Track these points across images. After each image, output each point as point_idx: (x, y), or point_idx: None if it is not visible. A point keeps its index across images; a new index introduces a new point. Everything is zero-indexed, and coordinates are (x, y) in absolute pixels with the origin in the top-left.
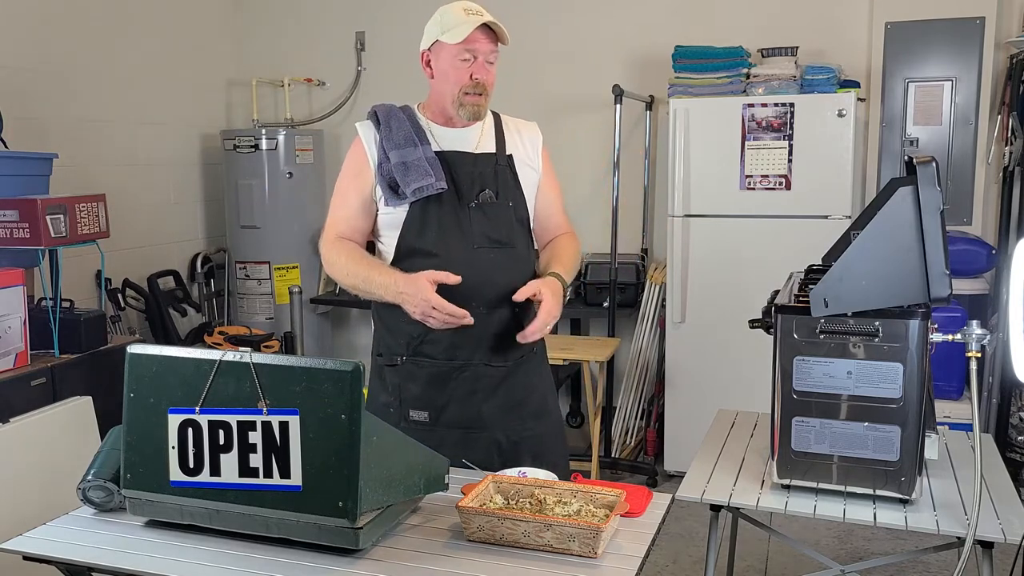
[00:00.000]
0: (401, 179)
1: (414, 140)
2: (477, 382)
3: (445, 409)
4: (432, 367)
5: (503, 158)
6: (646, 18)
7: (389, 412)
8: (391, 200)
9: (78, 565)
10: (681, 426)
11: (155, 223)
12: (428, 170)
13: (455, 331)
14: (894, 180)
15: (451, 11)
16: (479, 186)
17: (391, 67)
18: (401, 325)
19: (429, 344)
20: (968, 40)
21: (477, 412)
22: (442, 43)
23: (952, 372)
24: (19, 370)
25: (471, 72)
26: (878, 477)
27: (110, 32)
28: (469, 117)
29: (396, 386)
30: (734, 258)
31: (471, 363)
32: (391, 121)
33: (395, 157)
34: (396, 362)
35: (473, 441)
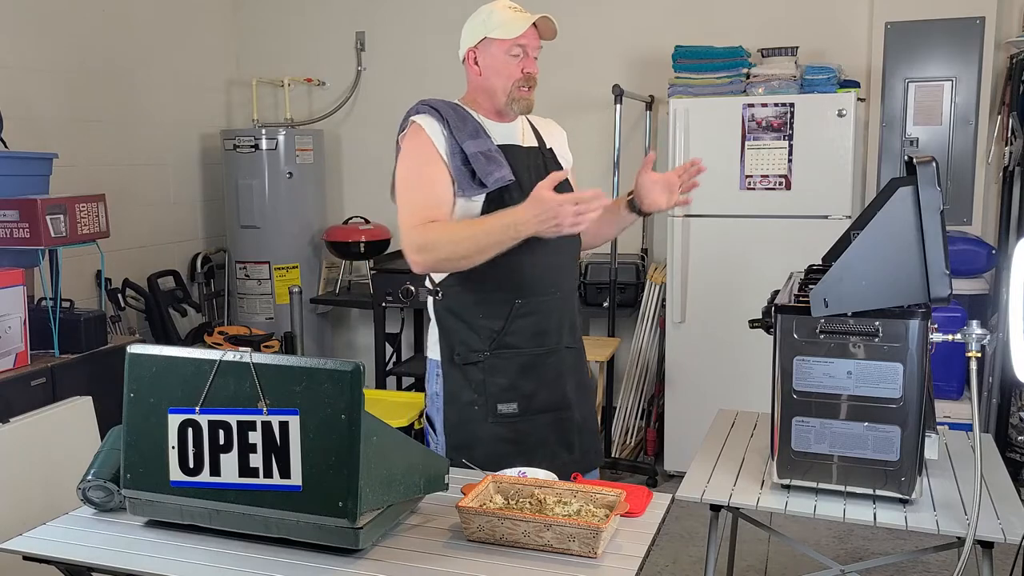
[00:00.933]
0: (481, 169)
1: (481, 133)
2: (561, 364)
3: (534, 396)
4: (519, 357)
5: (547, 151)
6: (646, 18)
7: (474, 410)
8: (468, 190)
9: (78, 565)
10: (681, 426)
11: (155, 223)
12: (503, 161)
13: (538, 318)
14: (894, 180)
15: (497, 9)
16: (537, 177)
17: (391, 67)
18: (481, 321)
19: (513, 335)
20: (968, 40)
21: (563, 395)
22: (491, 39)
23: (952, 372)
24: (19, 370)
25: (522, 66)
26: (878, 477)
27: (110, 32)
28: (521, 110)
29: (480, 382)
30: (734, 258)
31: (556, 348)
32: (454, 114)
33: (472, 147)
34: (479, 359)
35: (561, 423)
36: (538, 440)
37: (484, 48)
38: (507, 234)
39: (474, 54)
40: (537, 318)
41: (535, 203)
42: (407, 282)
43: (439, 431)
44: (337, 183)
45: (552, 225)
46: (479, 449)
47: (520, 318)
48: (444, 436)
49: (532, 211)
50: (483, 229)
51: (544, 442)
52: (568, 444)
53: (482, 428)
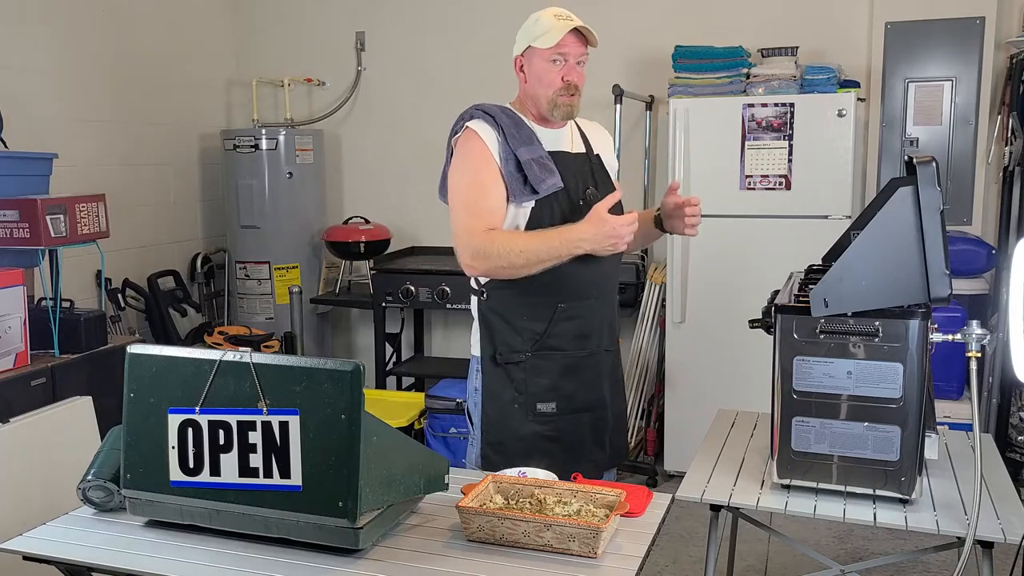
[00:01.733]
0: (534, 176)
1: (533, 140)
2: (600, 366)
3: (574, 397)
4: (561, 358)
5: (594, 157)
6: (646, 18)
7: (514, 408)
8: (520, 196)
9: (78, 565)
10: (681, 426)
11: (155, 223)
12: (553, 168)
13: (580, 322)
14: (894, 180)
15: (543, 18)
16: (583, 184)
17: (391, 67)
18: (525, 322)
19: (555, 337)
20: (968, 40)
21: (600, 395)
22: (534, 48)
23: (952, 372)
24: (19, 370)
25: (562, 74)
26: (878, 477)
27: (110, 31)
28: (563, 117)
29: (522, 381)
30: (734, 258)
31: (596, 350)
32: (507, 121)
33: (525, 154)
34: (520, 359)
35: (597, 422)
36: (575, 439)
37: (528, 56)
38: (566, 249)
39: (520, 62)
40: (579, 322)
41: (597, 223)
42: (407, 282)
43: (476, 426)
44: (337, 183)
45: (610, 244)
46: (517, 445)
47: (563, 321)
48: (481, 431)
49: (593, 230)
50: (543, 243)
51: (580, 440)
52: (602, 442)
53: (521, 425)
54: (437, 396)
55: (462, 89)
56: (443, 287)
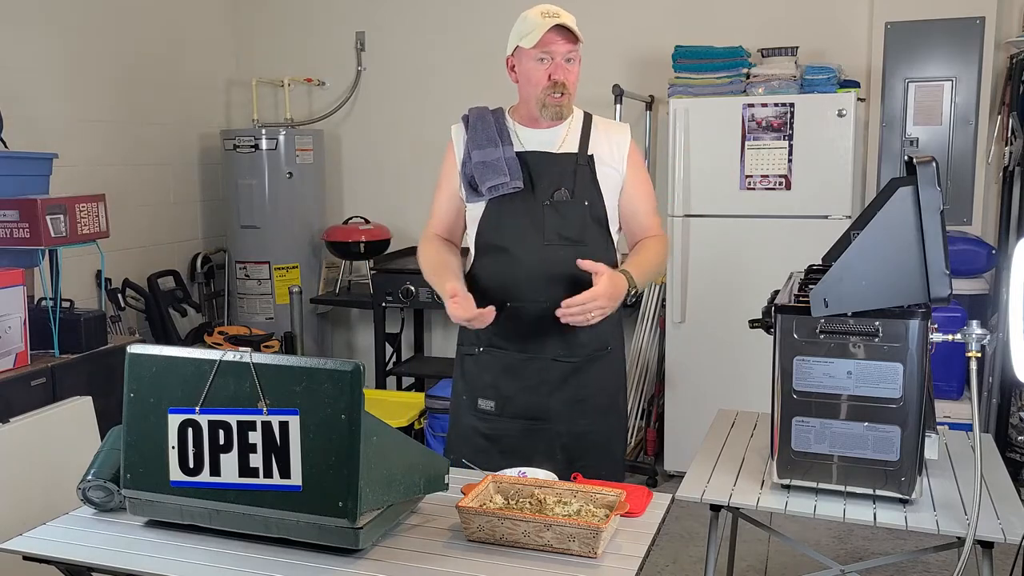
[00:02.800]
0: (479, 177)
1: (496, 140)
2: (545, 374)
3: (512, 400)
4: (504, 357)
5: (584, 158)
6: (646, 18)
7: (462, 399)
8: (470, 197)
9: (78, 565)
10: (681, 426)
11: (155, 223)
12: (504, 169)
13: (525, 323)
14: (894, 180)
15: (529, 16)
16: (555, 185)
17: (391, 67)
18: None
19: (500, 336)
20: (968, 40)
21: (543, 404)
22: (521, 48)
23: (952, 372)
24: (19, 370)
25: (549, 73)
26: (878, 477)
27: (110, 32)
28: (551, 117)
29: (472, 375)
30: (734, 258)
31: (540, 356)
32: (478, 123)
33: (476, 156)
34: (474, 352)
35: (536, 433)
36: (513, 443)
37: (518, 56)
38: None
39: (511, 63)
40: (523, 323)
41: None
42: (407, 282)
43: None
44: (337, 183)
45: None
46: (458, 437)
47: (508, 320)
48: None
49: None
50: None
51: (519, 447)
52: (548, 455)
53: (464, 418)
54: (437, 396)
55: (462, 89)
56: None
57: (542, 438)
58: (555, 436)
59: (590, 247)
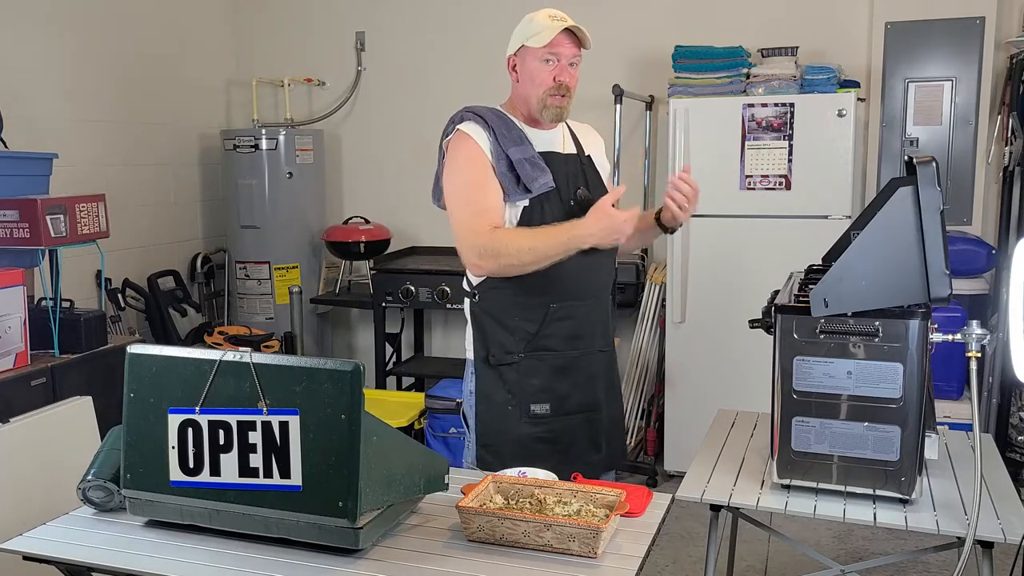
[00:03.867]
0: (526, 175)
1: (524, 140)
2: (593, 367)
3: (568, 398)
4: (554, 359)
5: (585, 158)
6: (646, 18)
7: (508, 410)
8: (513, 195)
9: (78, 565)
10: (681, 426)
11: (155, 223)
12: (545, 168)
13: (573, 322)
14: (894, 180)
15: (536, 18)
16: (574, 184)
17: (391, 67)
18: (517, 323)
19: (548, 338)
20: (968, 40)
21: (595, 396)
22: (527, 48)
23: (952, 372)
24: (19, 370)
25: (554, 74)
26: (878, 477)
27: (110, 32)
28: (552, 118)
29: (515, 383)
30: (734, 258)
31: (589, 351)
32: (500, 121)
33: (516, 154)
34: (513, 360)
35: (592, 423)
36: (569, 440)
37: (521, 56)
38: (571, 245)
39: (513, 61)
40: (572, 322)
41: (601, 217)
42: (407, 282)
43: (472, 428)
44: (337, 183)
45: (613, 238)
46: (511, 447)
47: (555, 321)
48: (476, 434)
49: (598, 224)
50: (550, 239)
51: (574, 442)
52: (596, 444)
53: (516, 427)
54: (437, 396)
55: (462, 89)
56: (443, 287)
57: (593, 429)
58: (599, 425)
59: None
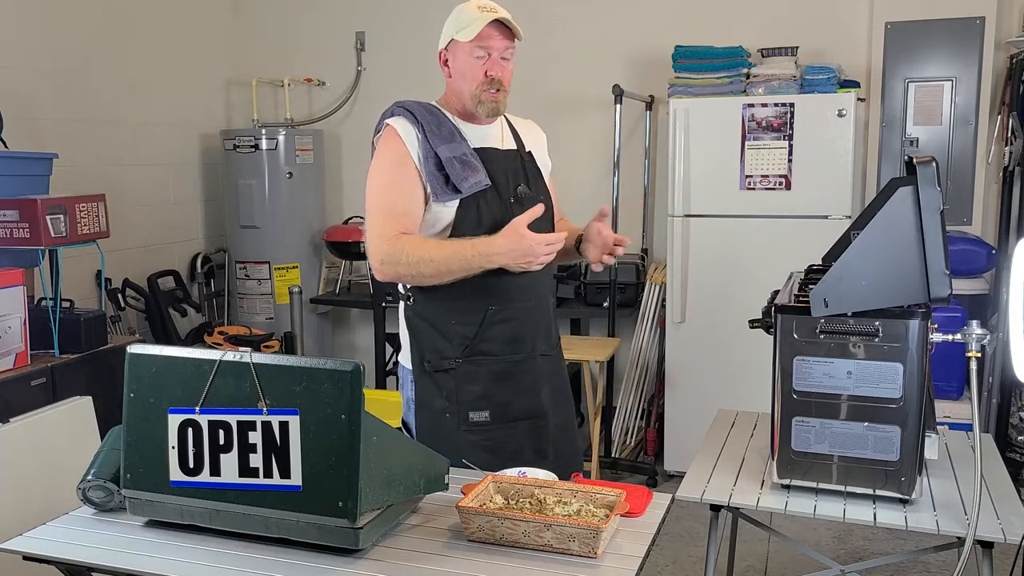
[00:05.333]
0: (456, 174)
1: (456, 136)
2: (535, 372)
3: (508, 405)
4: (493, 364)
5: (525, 154)
6: (646, 18)
7: (446, 417)
8: (442, 195)
9: (78, 565)
10: (681, 426)
11: (155, 223)
12: (478, 166)
13: (513, 325)
14: (894, 180)
15: (466, 9)
16: (514, 182)
17: (391, 67)
18: (454, 327)
19: (487, 342)
20: (968, 40)
21: (538, 402)
22: (457, 41)
23: (952, 372)
24: (19, 370)
25: (486, 69)
26: (878, 477)
27: (110, 32)
28: (487, 114)
29: (452, 390)
30: (734, 258)
31: (530, 355)
32: (430, 117)
33: (445, 152)
34: (450, 366)
35: (535, 431)
36: (513, 448)
37: (452, 50)
38: (477, 263)
39: (445, 56)
40: (512, 325)
41: (513, 238)
42: None
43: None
44: (337, 183)
45: (524, 262)
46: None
47: (494, 325)
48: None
49: (508, 245)
50: (454, 254)
51: (519, 450)
52: (542, 452)
53: (455, 435)
54: None
55: None
56: None
57: (537, 438)
58: (545, 432)
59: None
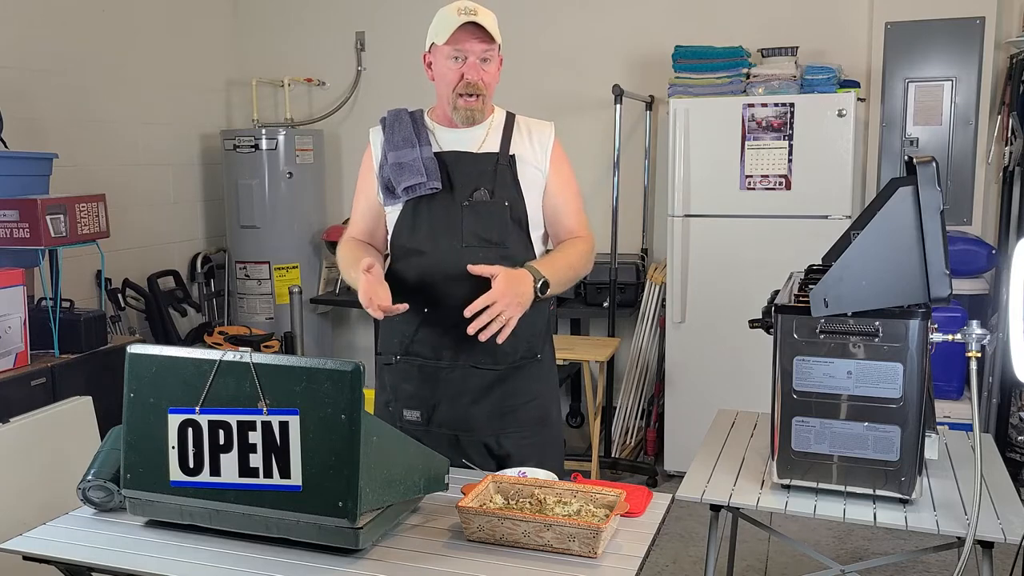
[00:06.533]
0: (395, 179)
1: (413, 141)
2: (465, 383)
3: (436, 409)
4: (424, 366)
5: (505, 158)
6: (646, 18)
7: (388, 411)
8: (387, 200)
9: (78, 565)
10: (681, 426)
11: (155, 223)
12: (421, 170)
13: (442, 331)
14: (894, 180)
15: (445, 12)
16: (475, 185)
17: (391, 67)
18: (395, 323)
19: (419, 343)
20: (968, 40)
21: (467, 415)
22: (436, 45)
23: (952, 372)
24: (19, 370)
25: (461, 72)
26: (878, 477)
27: (110, 32)
28: (462, 121)
29: (393, 386)
30: (734, 258)
31: (458, 364)
32: (395, 124)
33: (392, 158)
34: (392, 361)
35: (465, 444)
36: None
37: (433, 54)
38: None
39: (428, 59)
40: (440, 330)
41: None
42: None
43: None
44: (337, 183)
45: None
46: None
47: (427, 327)
48: None
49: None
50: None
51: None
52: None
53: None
54: None
55: None
56: None
57: (472, 449)
58: (484, 447)
59: (511, 249)
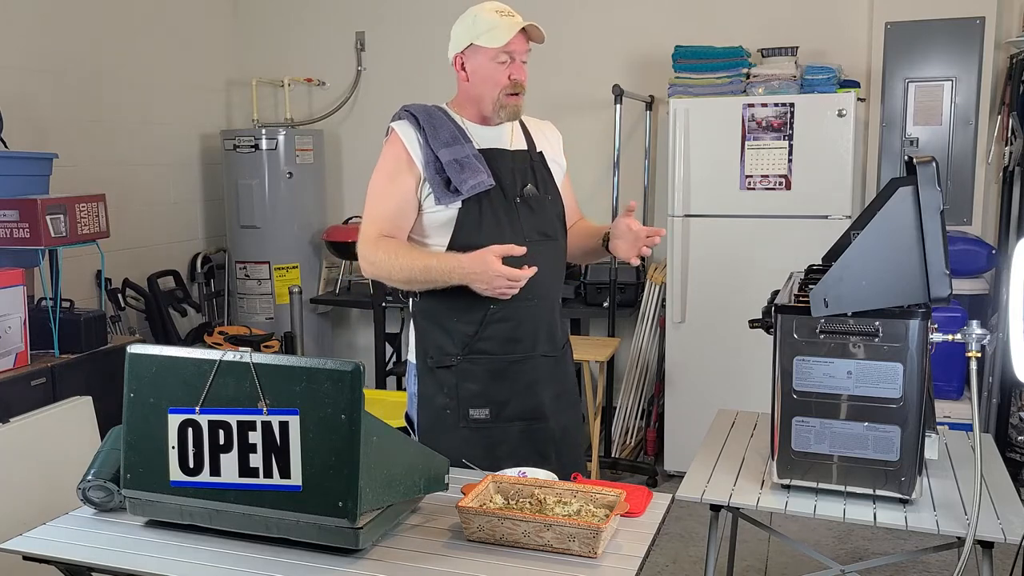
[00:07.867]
0: (456, 176)
1: (458, 138)
2: (535, 372)
3: (507, 404)
4: (490, 363)
5: (536, 155)
6: (646, 18)
7: (447, 414)
8: (444, 198)
9: (78, 565)
10: (681, 426)
11: (155, 223)
12: (479, 167)
13: (512, 324)
14: (894, 180)
15: (483, 14)
16: (521, 182)
17: (391, 67)
18: (455, 324)
19: (485, 340)
20: (968, 40)
21: (538, 403)
22: (478, 46)
23: (952, 372)
24: (19, 370)
25: (509, 73)
26: (878, 477)
27: (110, 32)
28: (509, 117)
29: (453, 387)
30: (734, 258)
31: (530, 355)
32: (432, 120)
33: (446, 155)
34: (451, 363)
35: (535, 432)
36: (510, 448)
37: (471, 54)
38: (443, 278)
39: (461, 59)
40: (511, 324)
41: (477, 262)
42: None
43: (415, 432)
44: (337, 183)
45: (483, 287)
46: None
47: (494, 323)
48: (418, 438)
49: (471, 268)
50: (423, 265)
51: (515, 451)
52: (543, 454)
53: (455, 432)
54: None
55: None
56: None
57: (540, 436)
58: (548, 435)
59: (559, 241)
